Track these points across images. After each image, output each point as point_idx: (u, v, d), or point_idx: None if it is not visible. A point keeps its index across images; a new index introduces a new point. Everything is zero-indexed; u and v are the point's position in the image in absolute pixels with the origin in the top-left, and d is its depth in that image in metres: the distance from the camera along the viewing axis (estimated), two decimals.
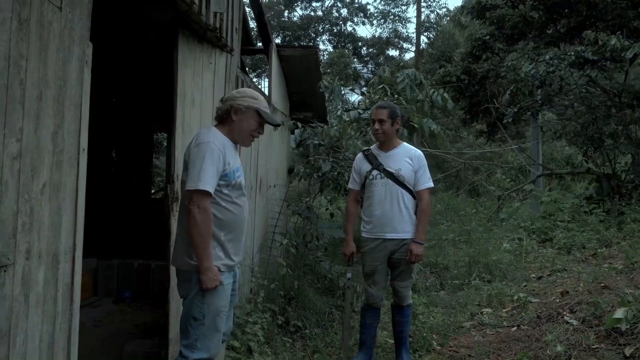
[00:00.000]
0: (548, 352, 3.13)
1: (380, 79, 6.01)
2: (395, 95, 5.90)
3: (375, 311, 3.31)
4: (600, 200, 9.23)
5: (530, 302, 4.32)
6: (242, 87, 4.09)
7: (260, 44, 5.96)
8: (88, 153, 1.71)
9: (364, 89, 22.74)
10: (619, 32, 8.55)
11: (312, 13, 27.24)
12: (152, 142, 7.08)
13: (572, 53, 8.86)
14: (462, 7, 15.16)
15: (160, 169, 10.28)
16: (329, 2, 27.04)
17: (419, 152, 3.33)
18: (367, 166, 3.29)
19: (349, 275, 3.44)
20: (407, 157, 3.25)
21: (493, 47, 12.53)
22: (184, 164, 2.31)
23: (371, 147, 3.45)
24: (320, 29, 27.99)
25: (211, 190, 2.19)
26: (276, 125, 2.60)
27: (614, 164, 9.44)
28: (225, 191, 2.28)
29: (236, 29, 3.84)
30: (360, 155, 3.43)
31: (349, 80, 24.53)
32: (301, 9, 27.27)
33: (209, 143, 2.22)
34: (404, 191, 3.19)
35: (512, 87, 10.69)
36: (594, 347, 3.08)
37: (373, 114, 3.31)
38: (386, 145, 3.29)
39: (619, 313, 3.14)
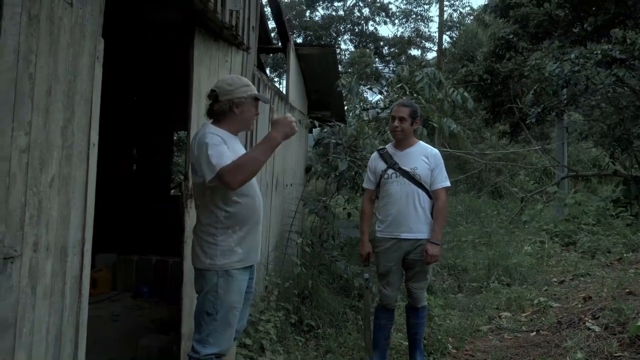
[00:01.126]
0: (568, 359, 3.04)
1: (399, 78, 5.95)
2: (414, 95, 5.83)
3: (389, 312, 3.26)
4: (628, 204, 8.96)
5: (551, 306, 4.21)
6: (257, 83, 4.10)
7: (279, 43, 5.97)
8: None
9: (384, 88, 22.61)
10: None
11: (334, 13, 27.19)
12: (172, 140, 7.17)
13: (599, 52, 8.61)
14: (486, 5, 14.90)
15: (181, 167, 10.42)
16: (350, 1, 26.95)
17: (436, 150, 3.28)
18: (382, 165, 3.25)
19: (366, 275, 3.37)
20: (423, 155, 3.19)
21: (517, 46, 12.28)
22: (192, 166, 2.31)
23: (387, 146, 3.41)
24: (341, 28, 27.92)
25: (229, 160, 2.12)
26: (267, 102, 2.68)
27: None
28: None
29: (253, 27, 3.85)
30: (375, 154, 3.38)
31: (369, 79, 24.45)
32: (323, 8, 27.25)
33: (208, 134, 2.20)
34: (420, 190, 3.14)
35: (536, 87, 10.48)
36: (616, 355, 2.97)
37: (394, 111, 3.24)
38: (402, 143, 3.24)
39: None
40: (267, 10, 5.44)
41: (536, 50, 12.09)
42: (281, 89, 5.27)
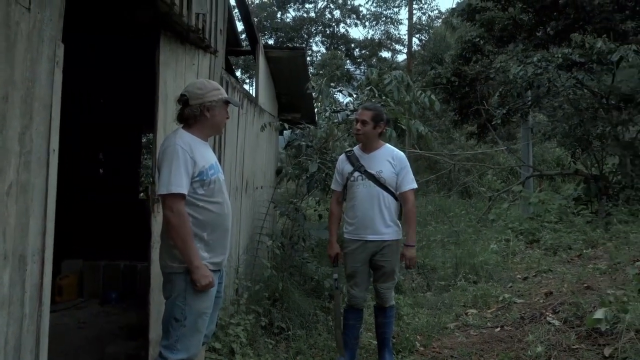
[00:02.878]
0: (529, 352, 3.16)
1: (368, 81, 6.03)
2: (383, 97, 5.92)
3: (358, 312, 3.31)
4: (588, 202, 9.30)
5: (515, 302, 4.34)
6: (228, 88, 4.08)
7: (249, 45, 5.95)
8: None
9: (354, 90, 22.78)
10: (605, 35, 8.64)
11: (305, 14, 27.26)
12: (140, 143, 7.05)
13: (560, 55, 8.94)
14: (454, 9, 15.23)
15: (150, 170, 10.25)
16: (321, 3, 27.07)
17: (401, 153, 3.31)
18: (349, 167, 3.28)
19: (335, 276, 3.41)
20: (388, 158, 3.22)
21: (483, 49, 12.61)
22: (158, 169, 2.31)
23: (354, 148, 3.43)
24: (313, 30, 28.02)
25: (183, 191, 2.18)
26: (237, 106, 2.65)
27: (601, 166, 9.53)
28: (201, 191, 2.26)
29: (220, 30, 3.83)
30: (342, 156, 3.41)
31: (340, 81, 24.61)
32: (294, 10, 27.28)
33: (174, 145, 2.21)
34: (385, 193, 3.18)
35: (501, 89, 10.78)
36: (574, 347, 3.10)
37: (357, 114, 3.30)
38: (368, 146, 3.27)
39: (599, 313, 3.16)
40: (236, 12, 5.43)
41: (501, 53, 12.42)
42: (251, 91, 5.26)
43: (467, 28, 13.95)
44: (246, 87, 4.88)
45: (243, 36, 8.35)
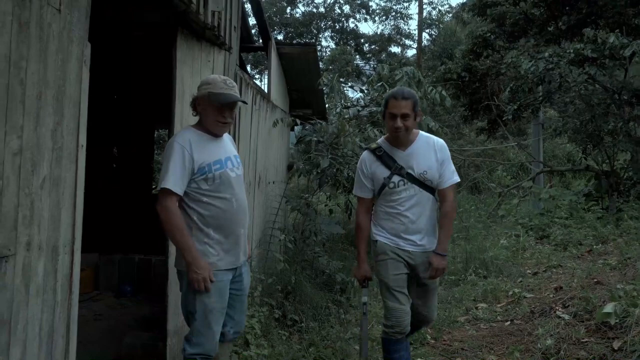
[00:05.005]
0: (539, 345, 3.20)
1: (379, 76, 6.06)
2: None
3: (403, 343, 2.67)
4: (599, 198, 9.26)
5: (525, 297, 4.38)
6: (241, 84, 4.15)
7: (260, 41, 6.01)
8: (89, 149, 1.77)
9: (359, 85, 22.79)
10: (617, 30, 8.56)
11: (315, 10, 27.22)
12: (153, 139, 7.14)
13: (572, 50, 8.87)
14: (464, 4, 15.14)
15: (160, 165, 10.35)
16: None
17: (442, 141, 2.70)
18: (383, 171, 2.62)
19: (364, 299, 2.79)
20: (431, 152, 2.63)
21: (494, 45, 12.55)
22: None
23: (379, 141, 2.74)
24: (322, 25, 27.97)
25: (173, 188, 2.15)
26: (233, 102, 2.31)
27: (612, 162, 9.46)
28: (205, 186, 2.23)
29: (235, 27, 3.90)
30: (368, 155, 2.71)
31: (350, 76, 24.58)
32: (303, 5, 27.26)
33: (173, 142, 2.23)
34: (430, 196, 2.65)
35: (512, 84, 10.72)
36: (583, 340, 3.14)
37: (393, 107, 2.55)
38: (404, 141, 2.62)
39: (609, 307, 3.19)
40: (248, 7, 5.47)
41: (512, 48, 12.36)
42: (262, 87, 5.32)
43: (478, 23, 13.89)
44: (256, 82, 4.94)
45: (253, 31, 8.40)
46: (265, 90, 5.38)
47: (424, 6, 23.27)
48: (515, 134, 17.57)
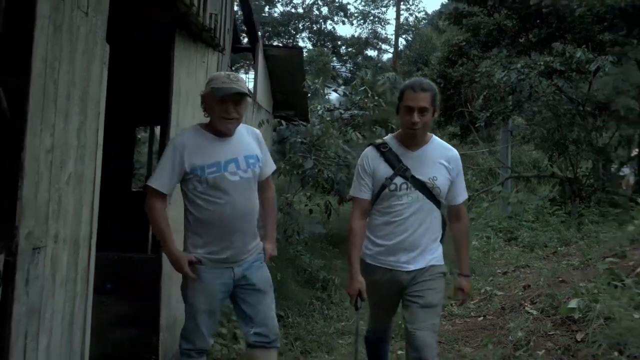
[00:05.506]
0: (510, 338, 3.43)
1: (362, 81, 6.24)
2: (376, 97, 6.13)
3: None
4: (563, 203, 9.73)
5: (496, 294, 4.63)
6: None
7: (245, 41, 6.10)
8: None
9: (342, 87, 22.99)
10: (584, 46, 9.03)
11: (293, 10, 27.30)
12: (134, 137, 7.11)
13: (542, 63, 9.30)
14: (440, 12, 15.54)
15: (141, 163, 10.22)
16: (309, 0, 27.17)
17: (456, 151, 2.39)
18: (386, 170, 2.29)
19: (357, 325, 2.50)
20: (444, 159, 2.30)
21: (468, 53, 12.95)
22: None
23: (387, 138, 2.42)
24: (300, 26, 28.07)
25: (157, 186, 2.13)
26: (238, 96, 2.18)
27: (576, 169, 9.96)
28: (200, 188, 2.16)
29: (228, 29, 3.99)
30: (372, 151, 2.35)
31: (327, 78, 24.78)
32: (282, 5, 27.30)
33: (171, 140, 2.26)
34: (435, 207, 2.31)
35: (485, 93, 11.12)
36: (550, 333, 3.39)
37: (410, 99, 2.21)
38: (416, 140, 2.29)
39: (573, 303, 3.46)
40: (235, 7, 5.54)
41: (486, 58, 12.78)
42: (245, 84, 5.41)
43: (454, 31, 14.29)
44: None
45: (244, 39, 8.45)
46: (251, 91, 5.47)
47: (401, 12, 23.70)
48: (485, 140, 18.16)
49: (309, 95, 6.19)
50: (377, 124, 6.30)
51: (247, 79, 6.09)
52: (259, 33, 5.44)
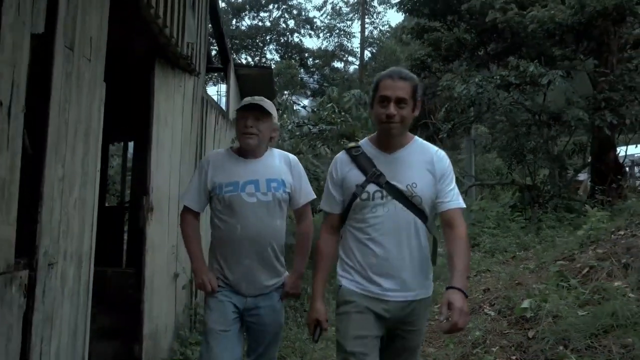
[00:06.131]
0: (469, 337, 3.76)
1: (329, 98, 6.57)
2: (342, 113, 6.47)
3: None
4: (523, 209, 10.29)
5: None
6: (205, 105, 4.46)
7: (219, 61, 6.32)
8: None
9: (310, 100, 23.34)
10: (536, 60, 9.66)
11: (260, 23, 27.63)
12: (107, 152, 7.20)
13: (498, 77, 9.90)
14: (404, 27, 16.18)
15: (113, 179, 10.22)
16: (276, 13, 27.56)
17: (443, 152, 2.05)
18: (357, 176, 1.95)
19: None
20: (426, 162, 1.96)
21: (431, 67, 13.53)
22: None
23: (362, 142, 2.08)
24: (267, 38, 28.42)
25: (187, 203, 2.25)
26: (256, 110, 2.22)
27: (534, 177, 10.56)
28: (219, 207, 2.21)
29: (202, 54, 4.22)
30: (343, 156, 2.04)
31: (295, 89, 25.16)
32: (249, 18, 27.60)
33: (201, 159, 2.45)
34: (418, 220, 1.94)
35: (447, 105, 11.68)
36: (505, 332, 3.74)
37: (385, 88, 1.88)
38: (393, 141, 1.96)
39: (525, 303, 3.82)
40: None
41: (447, 71, 13.40)
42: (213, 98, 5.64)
43: (417, 46, 14.89)
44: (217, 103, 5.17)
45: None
46: (224, 109, 5.70)
47: (366, 25, 24.37)
48: (450, 148, 18.88)
49: (280, 111, 6.46)
50: (344, 137, 6.64)
51: (218, 93, 6.31)
52: (232, 55, 5.70)
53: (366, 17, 24.72)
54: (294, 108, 6.62)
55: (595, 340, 3.12)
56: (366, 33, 24.85)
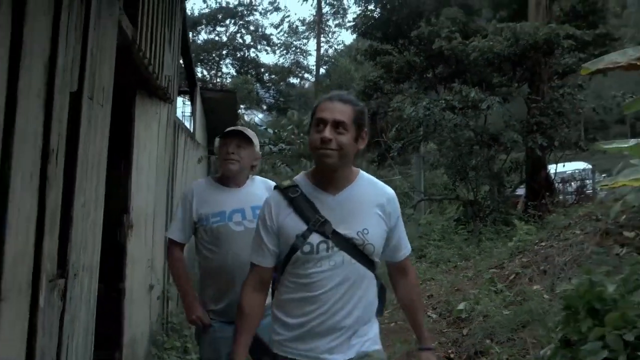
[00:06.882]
0: (413, 336, 4.30)
1: (289, 120, 7.06)
2: (302, 135, 6.97)
3: None
4: (466, 222, 11.15)
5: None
6: (177, 129, 4.83)
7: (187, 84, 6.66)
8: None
9: (262, 115, 23.72)
10: (476, 87, 10.62)
11: (217, 38, 27.88)
12: None
13: (443, 100, 10.78)
14: (357, 49, 17.05)
15: None
16: (233, 28, 27.92)
17: (392, 191, 1.82)
18: (296, 224, 1.67)
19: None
20: (376, 203, 1.73)
21: (382, 88, 14.38)
22: None
23: (297, 177, 1.80)
24: (223, 52, 28.68)
25: (173, 236, 2.31)
26: (236, 136, 2.31)
27: (476, 192, 11.48)
28: (206, 237, 2.25)
29: (175, 82, 4.60)
30: (276, 197, 1.74)
31: (252, 103, 25.52)
32: (206, 32, 27.80)
33: (184, 191, 2.45)
34: (368, 272, 1.72)
35: (397, 125, 12.48)
36: (444, 330, 4.34)
37: (322, 110, 1.66)
38: (335, 178, 1.70)
39: (461, 306, 4.45)
40: None
41: (398, 92, 14.28)
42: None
43: (369, 68, 15.74)
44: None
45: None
46: (190, 130, 6.06)
47: (322, 44, 25.19)
48: (401, 164, 19.85)
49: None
50: (302, 157, 7.13)
51: (183, 114, 6.66)
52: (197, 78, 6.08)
53: (321, 36, 25.60)
54: (258, 129, 7.05)
55: (515, 333, 3.76)
56: (322, 51, 25.71)
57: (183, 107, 6.31)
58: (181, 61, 5.93)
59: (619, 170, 3.38)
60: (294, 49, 28.00)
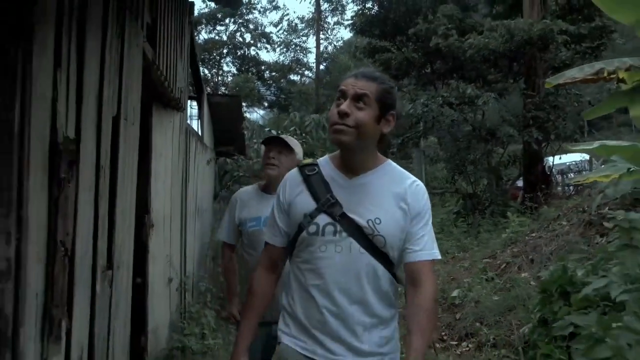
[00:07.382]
0: None
1: (291, 122, 7.41)
2: (304, 135, 7.31)
3: None
4: (466, 215, 11.51)
5: (403, 293, 5.94)
6: (188, 134, 5.20)
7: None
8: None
9: (263, 112, 23.99)
10: (472, 84, 10.93)
11: (217, 37, 28.15)
12: None
13: (440, 97, 11.11)
14: (356, 46, 17.34)
15: None
16: (233, 27, 28.18)
17: (421, 184, 1.64)
18: (306, 202, 1.56)
19: None
20: (398, 193, 1.56)
21: None
22: None
23: (322, 159, 1.67)
24: (224, 51, 28.95)
25: (224, 238, 2.57)
26: (276, 142, 2.44)
27: (475, 186, 11.82)
28: (245, 241, 2.47)
29: (186, 91, 4.96)
30: (294, 175, 1.64)
31: (254, 101, 25.89)
32: (206, 32, 28.08)
33: (233, 195, 2.68)
34: (379, 265, 1.53)
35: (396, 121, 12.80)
36: (439, 316, 4.70)
37: (345, 83, 1.52)
38: (355, 161, 1.58)
39: (455, 292, 4.82)
40: None
41: (397, 89, 14.58)
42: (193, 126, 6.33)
43: (369, 63, 16.04)
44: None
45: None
46: (199, 134, 6.42)
47: (321, 41, 25.45)
48: (402, 158, 20.18)
49: (248, 136, 7.23)
50: (305, 156, 7.48)
51: (190, 117, 7.03)
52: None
53: (321, 33, 25.87)
54: (262, 131, 7.40)
55: (502, 316, 4.13)
56: (321, 48, 25.99)
57: (190, 110, 6.66)
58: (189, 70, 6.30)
59: (601, 165, 3.72)
60: (293, 46, 28.30)
